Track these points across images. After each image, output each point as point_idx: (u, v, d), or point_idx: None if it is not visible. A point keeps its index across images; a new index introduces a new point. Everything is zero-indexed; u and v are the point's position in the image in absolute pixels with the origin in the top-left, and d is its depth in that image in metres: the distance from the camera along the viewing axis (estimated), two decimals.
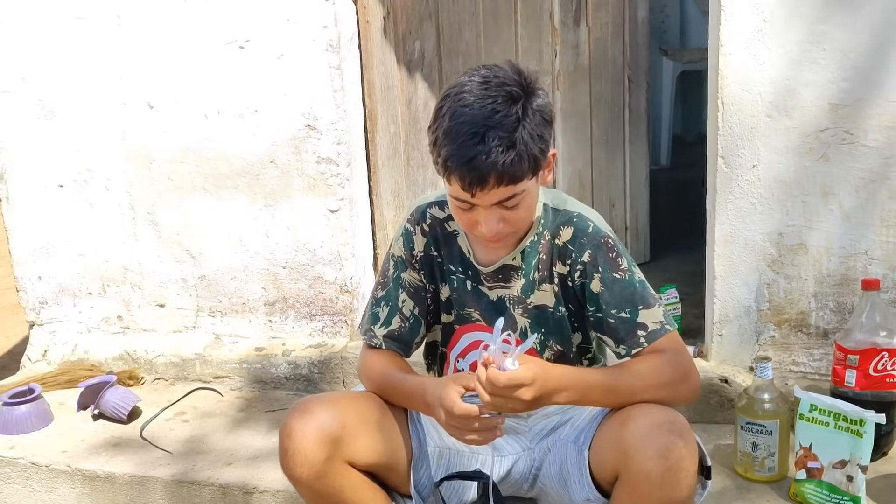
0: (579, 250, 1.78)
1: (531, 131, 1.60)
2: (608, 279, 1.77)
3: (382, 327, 1.92)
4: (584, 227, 1.79)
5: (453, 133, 1.59)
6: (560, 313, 1.85)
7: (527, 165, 1.61)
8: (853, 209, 2.22)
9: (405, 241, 1.91)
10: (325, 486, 1.77)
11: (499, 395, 1.59)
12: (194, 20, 2.60)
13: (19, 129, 2.85)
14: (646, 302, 1.76)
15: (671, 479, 1.59)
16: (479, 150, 1.57)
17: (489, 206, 1.65)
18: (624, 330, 1.76)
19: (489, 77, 1.63)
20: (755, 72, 2.20)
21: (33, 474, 2.46)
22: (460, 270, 1.89)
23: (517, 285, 1.85)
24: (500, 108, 1.59)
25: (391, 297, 1.92)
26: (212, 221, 2.76)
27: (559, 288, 1.83)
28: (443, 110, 1.63)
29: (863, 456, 1.92)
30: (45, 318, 3.03)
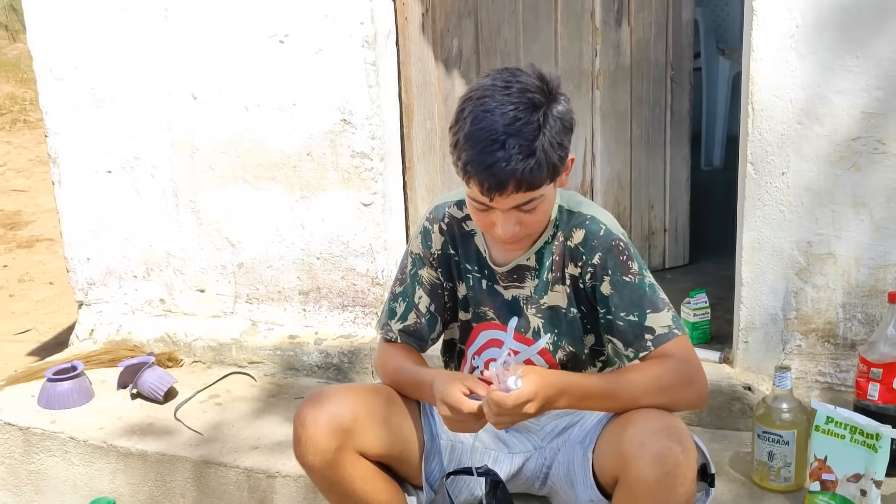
0: (590, 252, 1.80)
1: (551, 139, 1.62)
2: (618, 282, 1.78)
3: (399, 322, 1.96)
4: (595, 229, 1.81)
5: (474, 138, 1.62)
6: (572, 314, 1.87)
7: (545, 172, 1.63)
8: (883, 220, 2.18)
9: (423, 239, 1.95)
10: (336, 475, 1.82)
11: (507, 415, 1.62)
12: (237, 15, 2.67)
13: (72, 116, 2.96)
14: (654, 306, 1.77)
15: (667, 485, 1.60)
16: (498, 156, 1.59)
17: (507, 210, 1.68)
18: (632, 333, 1.77)
19: (512, 82, 1.64)
20: (787, 78, 2.17)
21: (72, 448, 2.57)
22: (476, 269, 1.92)
23: (531, 285, 1.87)
24: (522, 116, 1.61)
25: (408, 294, 1.96)
26: (250, 211, 2.83)
27: (571, 289, 1.85)
28: (464, 113, 1.66)
29: (877, 471, 1.90)
30: (92, 299, 3.14)
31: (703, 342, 2.59)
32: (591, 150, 3.02)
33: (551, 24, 2.88)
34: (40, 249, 6.03)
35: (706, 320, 2.60)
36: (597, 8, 2.89)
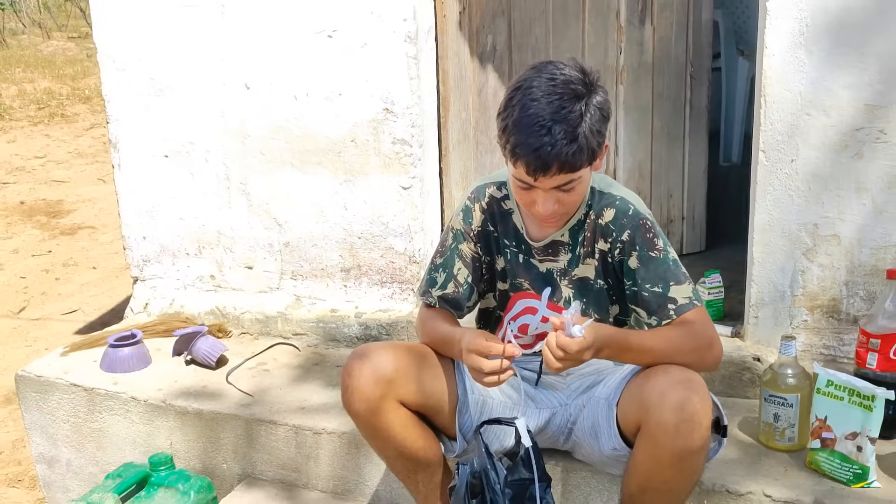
0: (620, 230, 2.00)
1: (591, 126, 1.82)
2: (644, 257, 1.98)
3: (439, 290, 2.17)
4: (625, 209, 2.01)
5: (523, 123, 1.81)
6: (599, 285, 2.07)
7: (585, 157, 1.83)
8: (884, 204, 2.37)
9: (465, 216, 2.15)
10: (379, 421, 2.04)
11: (568, 359, 1.82)
12: (288, 10, 2.89)
13: (132, 104, 3.19)
14: (677, 279, 1.97)
15: (686, 430, 1.80)
16: (545, 140, 1.79)
17: (548, 190, 1.88)
18: (656, 303, 1.97)
19: (556, 74, 1.84)
20: (796, 73, 2.37)
21: (133, 408, 2.79)
22: (514, 244, 2.12)
23: (564, 259, 2.08)
24: (566, 105, 1.80)
25: (448, 265, 2.16)
26: (297, 193, 3.05)
27: (600, 263, 2.05)
28: (513, 101, 1.85)
29: (872, 429, 2.08)
30: (147, 275, 3.37)
31: (717, 319, 2.77)
32: (614, 141, 3.22)
33: (579, 23, 3.09)
34: (83, 236, 6.29)
35: (720, 298, 2.79)
36: (622, 8, 3.09)
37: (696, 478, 1.93)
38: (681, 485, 1.90)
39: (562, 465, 2.29)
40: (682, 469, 1.86)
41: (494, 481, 1.95)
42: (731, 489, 2.15)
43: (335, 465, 2.55)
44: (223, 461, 2.70)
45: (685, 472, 1.87)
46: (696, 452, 1.83)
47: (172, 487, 2.58)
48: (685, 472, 1.87)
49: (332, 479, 2.57)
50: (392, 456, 2.13)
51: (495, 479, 1.95)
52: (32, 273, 5.62)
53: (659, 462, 1.85)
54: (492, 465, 1.95)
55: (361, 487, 2.54)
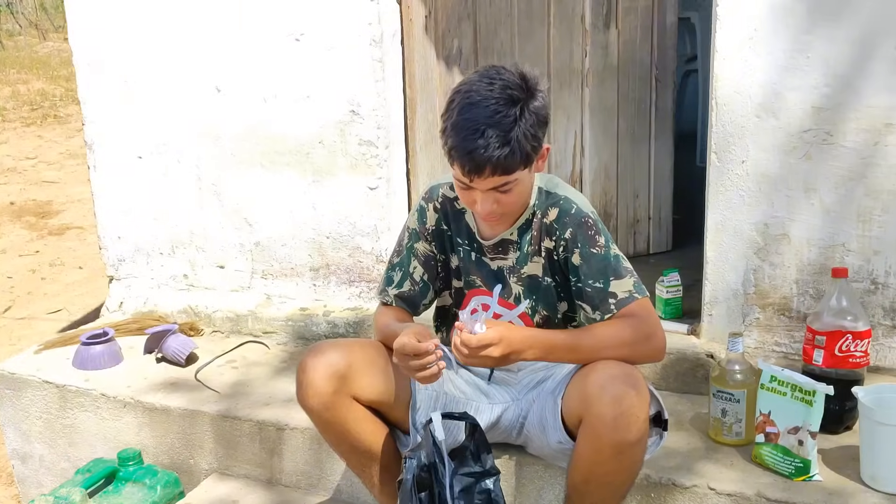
0: (563, 228, 2.05)
1: (526, 131, 1.88)
2: (586, 253, 2.03)
3: (395, 288, 2.22)
4: (568, 208, 2.06)
5: (459, 126, 1.87)
6: (547, 283, 2.13)
7: (519, 160, 1.89)
8: (832, 204, 2.42)
9: (419, 216, 2.21)
10: (333, 416, 2.09)
11: (472, 356, 1.89)
12: (257, 14, 2.94)
13: (107, 106, 3.25)
14: (618, 274, 2.03)
15: (623, 423, 1.86)
16: (479, 144, 1.85)
17: (485, 191, 1.94)
18: (598, 298, 2.02)
19: (495, 79, 1.90)
20: (746, 76, 2.42)
21: (103, 404, 2.85)
22: (466, 243, 2.18)
23: (513, 257, 2.14)
24: (501, 109, 1.86)
25: (404, 264, 2.22)
26: (267, 194, 3.11)
27: (546, 261, 2.11)
28: (453, 104, 1.92)
29: (812, 423, 2.14)
30: (122, 274, 3.43)
31: (676, 317, 2.83)
32: (580, 142, 3.28)
33: (544, 27, 3.14)
34: (70, 237, 6.35)
35: (678, 297, 2.84)
36: (587, 12, 3.15)
37: (636, 469, 1.98)
38: (621, 476, 1.96)
39: (515, 458, 2.34)
40: (622, 461, 1.91)
41: (443, 475, 2.00)
42: (677, 482, 2.21)
43: (298, 460, 2.60)
44: (190, 457, 2.75)
45: (624, 464, 1.92)
46: (633, 445, 1.88)
47: (139, 482, 2.64)
48: (624, 464, 1.92)
49: (295, 474, 2.62)
50: (346, 450, 2.19)
51: (443, 473, 2.00)
52: (19, 273, 5.68)
53: (599, 454, 1.90)
54: (440, 459, 2.01)
55: (324, 482, 2.59)
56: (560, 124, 3.24)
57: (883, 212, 2.38)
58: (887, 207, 2.37)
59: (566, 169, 3.28)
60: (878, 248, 2.41)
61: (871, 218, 2.39)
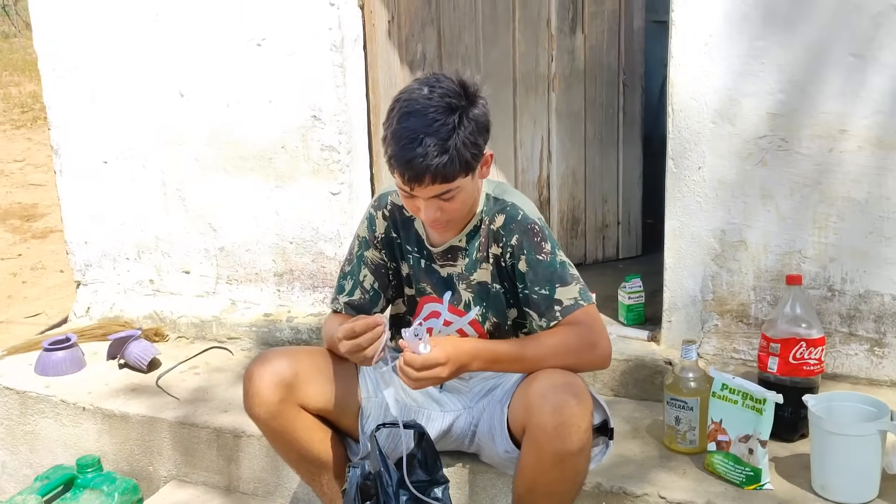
0: (509, 235, 2.04)
1: (465, 139, 1.87)
2: (532, 260, 2.02)
3: (346, 296, 2.21)
4: (514, 214, 2.05)
5: (398, 136, 1.87)
6: (496, 289, 2.11)
7: (458, 168, 1.88)
8: (788, 211, 2.41)
9: (369, 224, 2.20)
10: (280, 425, 2.08)
11: (418, 378, 1.87)
12: (220, 19, 2.94)
13: (72, 110, 3.24)
14: (563, 281, 2.01)
15: (564, 433, 1.84)
16: (416, 153, 1.84)
17: (427, 199, 1.93)
18: (544, 305, 2.01)
19: (434, 87, 1.89)
20: (702, 82, 2.41)
21: (63, 410, 2.83)
22: (416, 250, 2.17)
23: (462, 264, 2.12)
24: (439, 118, 1.85)
25: (355, 272, 2.21)
26: (230, 199, 3.10)
27: (494, 267, 2.10)
28: (392, 112, 1.91)
29: (762, 431, 2.12)
30: (89, 279, 3.42)
31: (638, 323, 2.82)
32: (547, 147, 3.26)
33: (509, 32, 3.13)
34: (54, 240, 6.33)
35: (640, 303, 2.83)
36: (552, 17, 3.14)
37: (580, 479, 1.97)
38: (564, 486, 1.94)
39: (469, 466, 2.33)
40: (564, 471, 1.90)
41: (388, 483, 1.99)
42: (627, 491, 2.20)
43: (255, 467, 2.59)
44: (150, 463, 2.74)
45: (567, 473, 1.91)
46: (575, 454, 1.87)
47: (97, 489, 2.63)
48: (567, 473, 1.91)
49: (253, 482, 2.61)
50: (295, 459, 2.18)
51: (388, 482, 1.99)
52: (0, 276, 5.66)
53: (541, 463, 1.89)
54: (385, 468, 1.99)
55: (281, 489, 2.58)
56: (527, 129, 3.23)
57: (839, 219, 2.37)
58: (843, 214, 2.36)
59: (533, 174, 3.27)
60: (834, 255, 2.40)
61: (827, 225, 2.38)
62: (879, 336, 2.42)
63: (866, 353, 2.44)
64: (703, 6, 2.36)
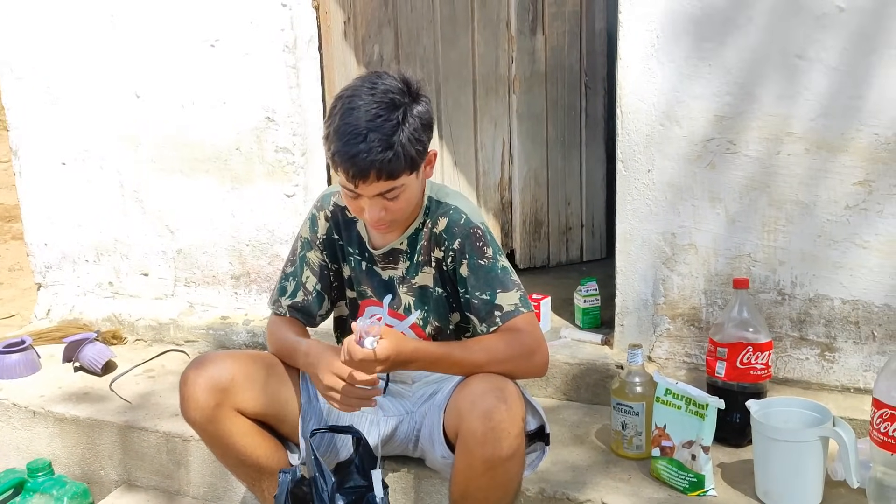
0: (451, 238, 2.02)
1: (409, 135, 1.85)
2: (474, 265, 2.00)
3: (288, 299, 2.19)
4: (457, 218, 2.02)
5: (341, 132, 1.84)
6: (438, 293, 2.09)
7: (403, 164, 1.85)
8: (737, 214, 2.39)
9: (311, 224, 2.18)
10: (217, 430, 2.05)
11: (356, 367, 1.84)
12: (174, 20, 2.92)
13: (30, 112, 3.23)
14: (504, 286, 1.99)
15: (492, 438, 1.82)
16: (360, 148, 1.81)
17: (372, 197, 1.90)
18: (484, 310, 1.99)
19: (377, 83, 1.87)
20: (649, 84, 2.39)
21: (14, 414, 2.81)
22: (357, 252, 2.14)
23: (403, 267, 2.10)
24: (383, 114, 1.83)
25: (297, 274, 2.19)
26: (187, 201, 3.08)
27: (437, 271, 2.07)
28: (335, 109, 1.89)
29: (704, 437, 2.10)
30: (49, 281, 3.40)
31: (594, 326, 2.80)
32: (508, 149, 3.24)
33: (468, 33, 3.11)
34: None
35: (596, 306, 2.80)
36: (512, 18, 3.12)
37: (513, 485, 1.94)
38: (497, 493, 1.92)
39: (414, 472, 2.31)
40: (495, 477, 1.87)
41: (322, 489, 1.97)
42: (570, 496, 2.17)
43: (205, 471, 2.57)
44: (101, 467, 2.72)
45: (498, 479, 1.88)
46: (506, 460, 1.84)
47: (47, 493, 2.59)
48: (498, 479, 1.88)
49: (202, 486, 2.58)
50: (233, 464, 2.15)
51: (323, 487, 1.97)
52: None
53: (472, 469, 1.87)
54: (320, 473, 1.97)
55: (230, 494, 2.56)
56: (487, 132, 3.21)
57: (787, 222, 2.35)
58: (791, 218, 2.34)
59: (494, 176, 3.25)
60: (783, 259, 2.38)
61: (775, 228, 2.36)
62: (830, 340, 2.39)
63: (817, 357, 2.42)
64: (650, 7, 2.34)
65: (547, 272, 3.36)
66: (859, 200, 2.27)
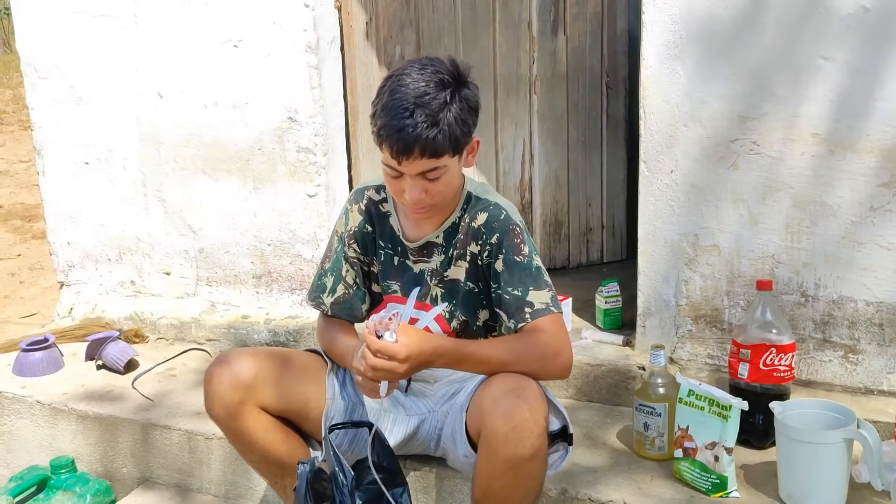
0: (490, 233, 2.03)
1: (456, 115, 1.86)
2: (510, 261, 2.01)
3: (329, 295, 2.19)
4: (497, 213, 2.03)
5: (389, 107, 1.85)
6: (469, 288, 2.09)
7: (448, 143, 1.87)
8: (760, 215, 2.38)
9: (345, 218, 2.19)
10: (240, 426, 2.06)
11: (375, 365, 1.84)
12: (197, 21, 2.93)
13: (54, 112, 3.25)
14: (537, 284, 2.00)
15: (514, 438, 1.82)
16: (407, 122, 1.83)
17: (414, 176, 1.91)
18: (514, 305, 1.99)
19: (427, 64, 1.90)
20: (672, 84, 2.38)
21: (38, 411, 2.83)
22: (390, 247, 2.15)
23: (437, 260, 2.11)
24: (431, 91, 1.85)
25: (336, 268, 2.19)
26: (209, 200, 3.09)
27: (471, 265, 2.08)
28: (384, 88, 1.90)
29: (727, 438, 2.09)
30: (72, 280, 3.42)
31: (615, 328, 2.79)
32: (529, 150, 3.24)
33: (490, 33, 3.11)
34: None
35: (617, 307, 2.80)
36: (533, 18, 3.12)
37: (535, 485, 1.94)
38: (519, 492, 1.92)
39: (436, 471, 2.31)
40: (517, 476, 1.87)
41: (343, 484, 1.97)
42: (593, 497, 2.17)
43: (226, 469, 2.58)
44: (123, 465, 2.74)
45: (520, 479, 1.88)
46: (528, 460, 1.84)
47: (70, 490, 2.62)
48: (520, 479, 1.88)
49: (223, 484, 2.60)
50: (256, 460, 2.16)
51: (343, 482, 1.97)
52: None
53: (494, 469, 1.87)
54: (340, 468, 1.97)
55: (251, 492, 2.57)
56: (508, 132, 3.21)
57: (811, 223, 2.33)
58: (815, 219, 2.33)
59: (515, 177, 3.25)
60: (807, 261, 2.37)
61: (799, 229, 2.35)
62: (853, 342, 2.38)
63: (840, 359, 2.41)
64: (674, 8, 2.33)
65: (567, 273, 3.36)
66: (884, 202, 2.25)
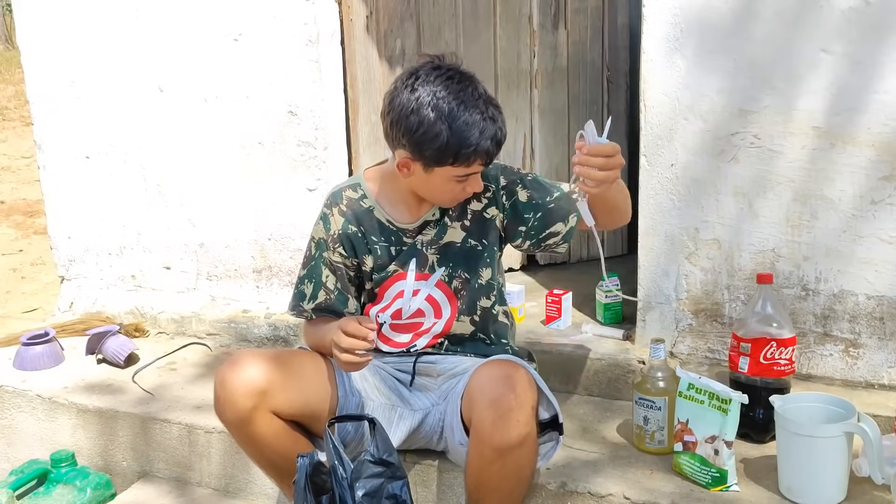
0: (494, 181, 2.10)
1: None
2: (528, 183, 2.10)
3: (310, 302, 2.18)
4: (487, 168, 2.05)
5: (468, 124, 1.87)
6: (470, 245, 2.12)
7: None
8: (761, 209, 2.37)
9: (323, 224, 2.17)
10: (252, 431, 2.04)
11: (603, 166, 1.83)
12: (197, 15, 2.93)
13: (55, 106, 3.25)
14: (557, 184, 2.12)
15: (501, 426, 1.84)
16: (495, 127, 1.91)
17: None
18: (564, 201, 2.06)
19: (452, 75, 1.91)
20: (673, 77, 2.37)
21: (38, 405, 2.83)
22: (383, 239, 2.14)
23: (432, 232, 2.13)
24: (480, 90, 1.92)
25: (314, 275, 2.17)
26: (210, 194, 3.09)
27: (472, 223, 2.12)
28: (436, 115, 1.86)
29: (727, 432, 2.08)
30: (72, 274, 3.42)
31: (615, 322, 2.79)
32: (530, 144, 3.24)
33: (490, 27, 3.11)
34: None
35: (617, 302, 2.79)
36: (534, 12, 3.11)
37: (524, 474, 1.94)
38: (509, 482, 1.92)
39: (436, 464, 2.31)
40: (506, 465, 1.87)
41: (342, 477, 1.97)
42: (592, 491, 2.16)
43: (226, 463, 2.58)
44: (122, 458, 2.74)
45: (509, 468, 1.88)
46: (515, 448, 1.85)
47: (70, 484, 2.62)
48: (509, 468, 1.88)
49: (223, 478, 2.60)
50: (265, 463, 2.15)
51: (343, 476, 1.97)
52: (0, 271, 5.69)
53: (483, 458, 1.88)
54: (339, 461, 1.97)
55: (251, 486, 2.57)
56: (508, 127, 3.14)
57: (812, 217, 2.33)
58: (816, 213, 2.32)
59: None
60: (808, 254, 2.36)
61: (799, 223, 2.34)
62: (854, 336, 2.37)
63: (841, 353, 2.40)
64: (674, 1, 2.33)
65: (567, 268, 3.35)
66: (885, 195, 2.25)
